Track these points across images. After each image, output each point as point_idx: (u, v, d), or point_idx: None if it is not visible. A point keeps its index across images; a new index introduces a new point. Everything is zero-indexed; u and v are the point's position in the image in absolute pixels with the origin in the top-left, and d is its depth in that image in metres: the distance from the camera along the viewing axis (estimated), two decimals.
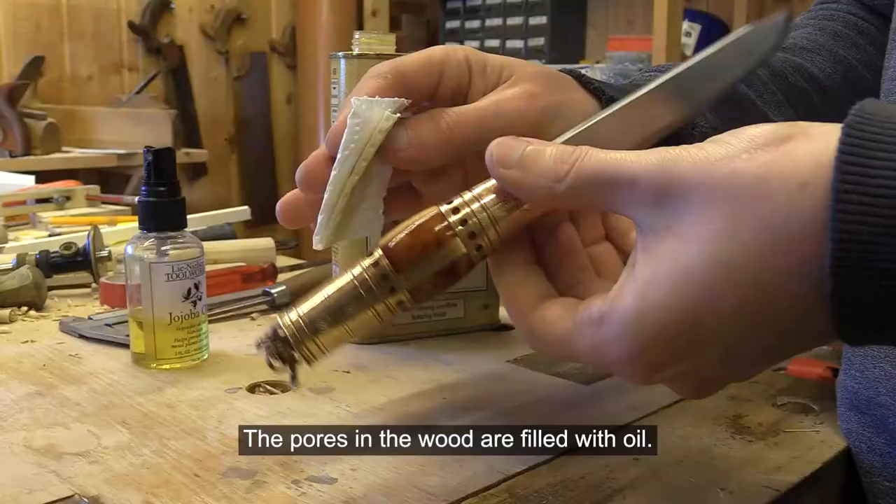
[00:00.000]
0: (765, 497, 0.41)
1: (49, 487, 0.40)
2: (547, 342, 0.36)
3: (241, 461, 0.43)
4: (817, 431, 0.49)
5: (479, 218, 0.37)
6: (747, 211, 0.30)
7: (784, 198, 0.30)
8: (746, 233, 0.30)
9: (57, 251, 0.80)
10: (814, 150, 0.30)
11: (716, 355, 0.33)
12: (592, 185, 0.34)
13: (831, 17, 0.66)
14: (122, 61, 2.83)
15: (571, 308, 0.36)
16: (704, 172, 0.31)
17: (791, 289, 0.30)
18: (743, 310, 0.31)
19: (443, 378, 0.56)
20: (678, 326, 0.32)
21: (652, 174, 0.32)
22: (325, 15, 3.02)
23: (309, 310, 0.39)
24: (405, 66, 0.43)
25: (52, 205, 1.19)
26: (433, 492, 0.40)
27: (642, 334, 0.32)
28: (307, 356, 0.39)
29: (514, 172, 0.36)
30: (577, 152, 0.35)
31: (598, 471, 0.43)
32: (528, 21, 3.07)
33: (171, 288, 0.56)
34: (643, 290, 0.32)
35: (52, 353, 0.61)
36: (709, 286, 0.31)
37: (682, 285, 0.31)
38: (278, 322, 0.39)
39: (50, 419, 0.49)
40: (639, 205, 0.33)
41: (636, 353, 0.33)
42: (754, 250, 0.30)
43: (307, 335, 0.38)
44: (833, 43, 0.63)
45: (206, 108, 3.04)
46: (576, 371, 0.58)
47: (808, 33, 0.64)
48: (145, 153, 0.57)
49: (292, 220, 0.46)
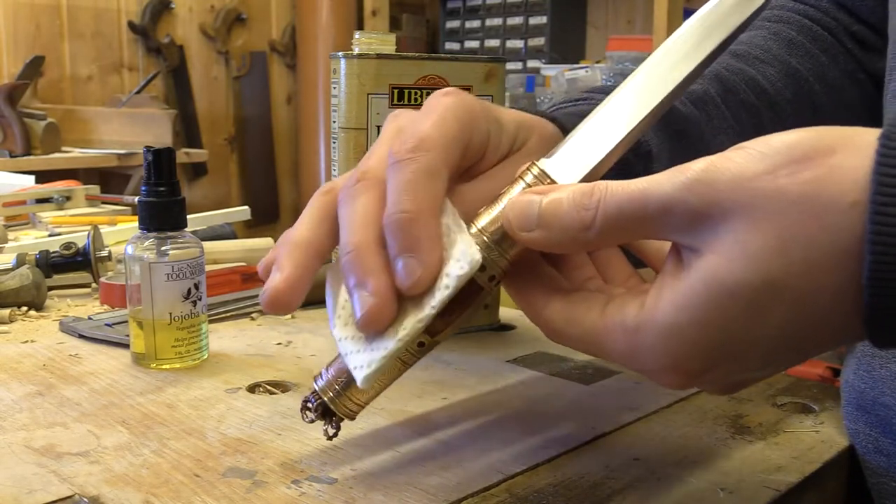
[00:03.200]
0: (765, 497, 0.41)
1: (49, 487, 0.40)
2: (569, 338, 0.36)
3: (241, 461, 0.43)
4: (817, 431, 0.49)
5: (489, 255, 0.36)
6: (797, 230, 0.30)
7: (834, 217, 0.29)
8: (797, 252, 0.30)
9: (57, 251, 0.80)
10: (862, 167, 0.29)
11: (753, 365, 0.33)
12: (623, 223, 0.33)
13: (787, 21, 0.64)
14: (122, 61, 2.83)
15: (596, 305, 0.35)
16: (746, 192, 0.30)
17: (838, 304, 0.30)
18: (788, 326, 0.31)
19: (443, 378, 0.56)
20: (718, 342, 0.32)
21: (686, 200, 0.31)
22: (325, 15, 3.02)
23: (338, 372, 0.40)
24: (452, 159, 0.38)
25: (52, 205, 1.19)
26: (433, 492, 0.40)
27: (681, 347, 0.32)
28: (347, 414, 0.41)
29: (538, 234, 0.34)
30: (596, 193, 0.33)
31: (598, 471, 0.43)
32: (528, 21, 3.08)
33: (171, 288, 0.56)
34: (683, 303, 0.32)
35: (52, 353, 0.61)
36: (755, 304, 0.31)
37: (725, 304, 0.31)
38: (315, 387, 0.41)
39: (50, 419, 0.49)
40: (675, 230, 0.32)
41: (672, 364, 0.33)
42: (804, 269, 0.30)
43: (342, 395, 0.40)
44: (786, 52, 0.62)
45: (206, 108, 3.04)
46: (576, 371, 0.58)
47: (761, 39, 0.63)
48: (145, 153, 0.57)
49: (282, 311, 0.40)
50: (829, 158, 0.30)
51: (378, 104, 0.60)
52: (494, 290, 0.37)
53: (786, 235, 0.30)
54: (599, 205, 0.33)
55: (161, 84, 2.88)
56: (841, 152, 0.30)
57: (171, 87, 2.92)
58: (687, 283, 0.32)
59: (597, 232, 0.33)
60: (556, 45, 3.00)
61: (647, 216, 0.32)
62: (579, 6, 3.12)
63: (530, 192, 0.35)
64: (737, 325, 0.31)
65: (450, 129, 0.37)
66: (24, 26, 2.57)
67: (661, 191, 0.32)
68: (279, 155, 3.29)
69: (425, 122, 0.37)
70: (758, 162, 0.31)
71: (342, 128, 0.61)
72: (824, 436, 0.48)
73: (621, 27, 2.98)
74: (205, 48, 3.04)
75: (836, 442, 0.48)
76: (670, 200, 0.31)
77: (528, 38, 3.08)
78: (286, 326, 0.69)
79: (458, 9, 3.31)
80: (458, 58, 0.63)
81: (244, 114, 3.18)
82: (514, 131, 0.42)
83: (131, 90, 2.71)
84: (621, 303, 0.34)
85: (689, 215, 0.31)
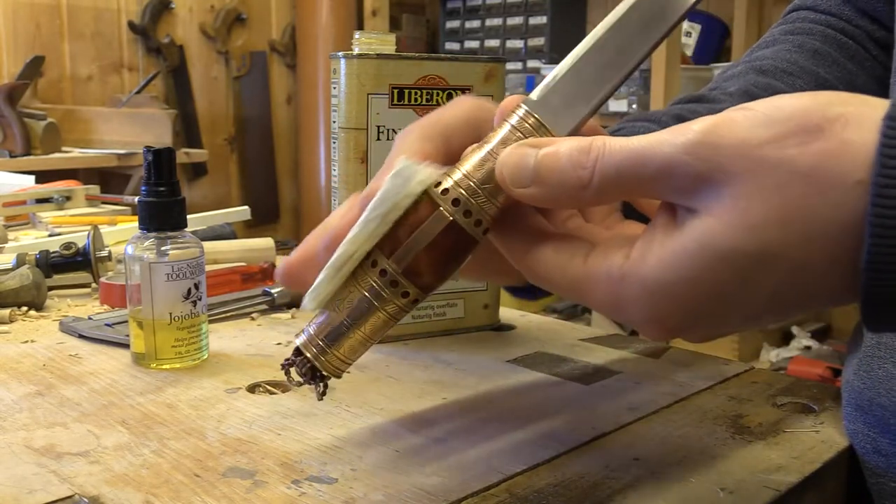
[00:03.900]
0: (765, 497, 0.41)
1: (49, 487, 0.40)
2: (552, 284, 0.36)
3: (241, 461, 0.43)
4: (817, 431, 0.49)
5: (475, 201, 0.36)
6: (800, 202, 0.30)
7: (840, 193, 0.29)
8: (797, 224, 0.30)
9: (57, 251, 0.80)
10: (868, 144, 0.29)
11: (735, 322, 0.33)
12: (621, 183, 0.32)
13: (809, 32, 0.65)
14: (122, 61, 2.83)
15: (580, 252, 0.35)
16: (751, 160, 0.30)
17: (830, 276, 0.30)
18: (777, 294, 0.31)
19: (443, 378, 0.56)
20: (704, 302, 0.32)
21: (687, 163, 0.31)
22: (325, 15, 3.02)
23: (321, 327, 0.39)
24: (450, 130, 0.41)
25: (52, 205, 1.19)
26: (433, 492, 0.40)
27: (665, 303, 0.32)
28: (332, 370, 0.39)
29: (533, 191, 0.34)
30: (593, 150, 0.33)
31: (598, 471, 0.43)
32: (528, 21, 3.08)
33: (171, 288, 0.56)
34: (672, 261, 0.32)
35: (52, 353, 0.61)
36: (747, 272, 0.31)
37: (716, 267, 0.31)
38: (297, 343, 0.39)
39: (50, 419, 0.49)
40: (675, 191, 0.32)
41: (655, 318, 0.33)
42: (802, 241, 0.30)
43: (327, 349, 0.38)
44: (813, 63, 0.62)
45: (206, 108, 3.04)
46: (576, 371, 0.58)
47: (786, 53, 0.63)
48: (145, 153, 0.57)
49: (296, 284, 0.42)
50: (839, 131, 0.30)
51: (378, 104, 0.60)
52: (484, 239, 0.36)
53: (789, 207, 0.30)
54: (597, 164, 0.32)
55: (161, 84, 2.88)
56: (851, 125, 0.30)
57: (171, 87, 2.92)
58: (679, 241, 0.32)
59: (594, 191, 0.33)
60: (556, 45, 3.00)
61: (646, 177, 0.32)
62: (579, 6, 3.12)
63: (525, 145, 0.35)
64: (725, 288, 0.31)
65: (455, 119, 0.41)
66: (24, 26, 2.57)
67: (662, 152, 0.31)
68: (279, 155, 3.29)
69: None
70: (765, 127, 0.30)
71: (342, 128, 0.61)
72: (824, 436, 0.48)
73: None
74: (205, 48, 3.03)
75: (836, 442, 0.48)
76: (671, 162, 0.31)
77: (528, 38, 3.08)
78: (286, 326, 0.69)
79: (458, 9, 3.31)
80: (458, 58, 0.63)
81: (244, 114, 3.18)
82: None
83: (131, 90, 2.71)
84: (605, 251, 0.34)
85: (691, 177, 0.31)
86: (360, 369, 0.57)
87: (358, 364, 0.38)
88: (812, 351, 2.19)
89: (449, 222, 0.36)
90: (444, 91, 0.62)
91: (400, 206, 0.36)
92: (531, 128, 0.36)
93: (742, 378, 0.57)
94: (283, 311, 0.73)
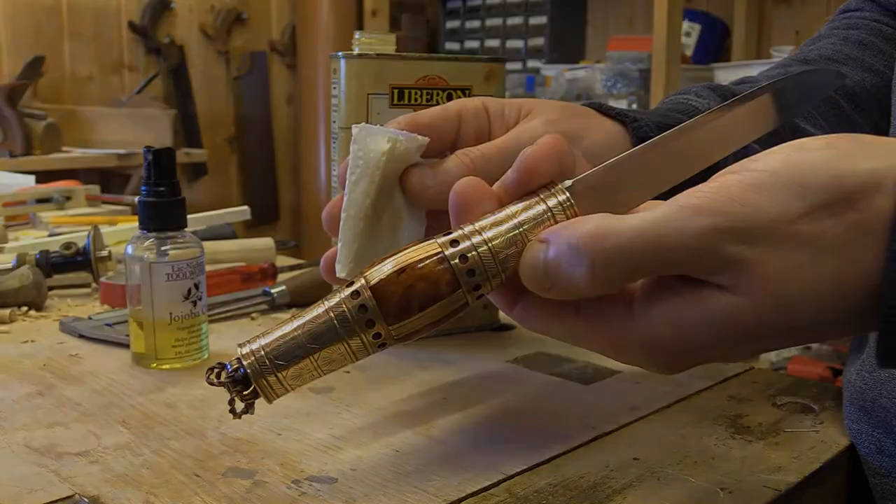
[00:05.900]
0: (765, 497, 0.41)
1: (49, 487, 0.40)
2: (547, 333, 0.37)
3: (241, 461, 0.43)
4: (817, 431, 0.49)
5: (479, 252, 0.34)
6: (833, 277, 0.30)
7: (872, 261, 0.30)
8: (829, 299, 0.31)
9: (57, 251, 0.80)
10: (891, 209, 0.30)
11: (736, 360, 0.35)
12: (636, 273, 0.32)
13: (855, 26, 0.66)
14: (122, 61, 2.83)
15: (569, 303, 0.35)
16: (784, 237, 0.30)
17: (854, 325, 0.31)
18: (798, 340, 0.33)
19: (443, 378, 0.56)
20: (713, 354, 0.33)
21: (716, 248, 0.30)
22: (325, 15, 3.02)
23: (273, 340, 0.35)
24: (420, 116, 0.44)
25: (52, 205, 1.19)
26: (433, 492, 0.40)
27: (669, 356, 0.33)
28: (266, 392, 0.36)
29: (554, 294, 0.34)
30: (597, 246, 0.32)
31: (598, 471, 0.43)
32: (528, 21, 3.07)
33: (171, 288, 0.56)
34: (684, 324, 0.32)
35: (52, 352, 0.61)
36: (771, 338, 0.32)
37: (742, 337, 0.32)
38: (239, 352, 0.36)
39: (50, 419, 0.49)
40: (699, 273, 0.32)
41: (654, 363, 0.34)
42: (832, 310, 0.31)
43: (269, 369, 0.35)
44: (859, 52, 0.63)
45: (206, 108, 3.04)
46: (576, 371, 0.58)
47: (833, 44, 0.64)
48: (145, 153, 0.57)
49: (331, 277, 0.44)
50: (871, 195, 0.30)
51: (378, 104, 0.60)
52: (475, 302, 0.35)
53: (822, 282, 0.30)
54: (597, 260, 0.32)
55: (161, 84, 2.88)
56: (882, 190, 0.30)
57: (171, 87, 2.91)
58: (698, 309, 0.32)
59: (605, 284, 0.32)
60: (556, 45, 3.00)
61: (667, 261, 0.31)
62: (579, 6, 3.12)
63: (537, 249, 0.34)
64: (746, 347, 0.32)
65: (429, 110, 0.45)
66: (24, 26, 2.57)
67: (683, 240, 0.30)
68: (279, 155, 3.29)
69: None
70: (800, 200, 0.30)
71: (342, 128, 0.61)
72: (824, 436, 0.48)
73: (621, 27, 2.98)
74: (205, 48, 3.03)
75: (837, 442, 0.48)
76: (698, 250, 0.31)
77: (528, 38, 3.08)
78: None
79: (458, 9, 3.31)
80: (458, 58, 0.63)
81: (244, 114, 3.18)
82: (517, 107, 0.46)
83: (131, 90, 2.71)
84: (598, 302, 0.34)
85: (721, 261, 0.31)
86: (360, 369, 0.57)
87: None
88: (812, 351, 2.19)
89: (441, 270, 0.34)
90: (444, 91, 0.62)
91: (380, 165, 0.41)
92: (557, 199, 0.35)
93: (742, 378, 0.57)
94: (284, 311, 0.73)
